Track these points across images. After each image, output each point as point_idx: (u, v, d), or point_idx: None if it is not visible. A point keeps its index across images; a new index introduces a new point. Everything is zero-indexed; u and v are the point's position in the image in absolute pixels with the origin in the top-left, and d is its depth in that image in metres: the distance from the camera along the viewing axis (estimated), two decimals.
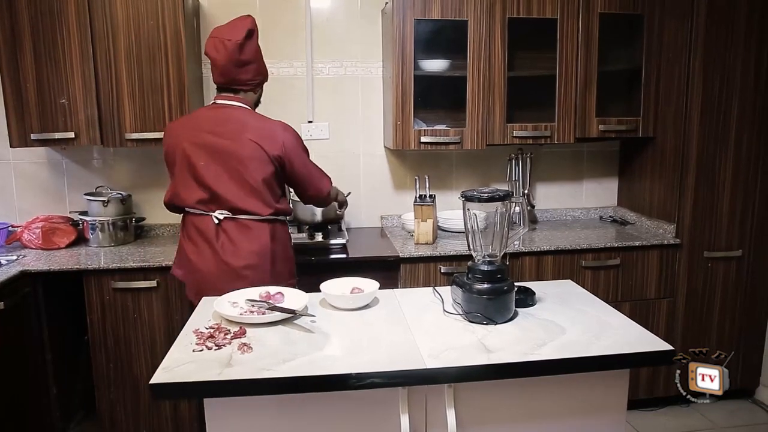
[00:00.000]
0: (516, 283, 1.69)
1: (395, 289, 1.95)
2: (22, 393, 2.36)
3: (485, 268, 1.63)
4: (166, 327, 2.52)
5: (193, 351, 1.45)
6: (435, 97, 2.94)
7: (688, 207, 2.77)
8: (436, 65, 2.84)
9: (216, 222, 2.07)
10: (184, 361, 1.39)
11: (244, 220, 2.08)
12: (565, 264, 2.73)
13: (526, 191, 3.12)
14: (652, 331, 1.56)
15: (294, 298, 1.73)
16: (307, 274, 2.30)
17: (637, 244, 2.77)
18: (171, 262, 2.45)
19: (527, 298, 1.74)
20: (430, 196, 2.75)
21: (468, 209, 1.69)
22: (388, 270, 2.58)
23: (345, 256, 2.62)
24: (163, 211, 2.23)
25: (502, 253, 1.68)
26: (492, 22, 2.75)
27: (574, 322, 1.62)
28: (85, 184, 2.95)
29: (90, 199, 2.79)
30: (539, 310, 1.72)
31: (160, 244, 2.82)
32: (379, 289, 1.80)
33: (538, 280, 2.58)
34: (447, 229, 2.96)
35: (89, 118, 2.59)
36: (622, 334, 1.54)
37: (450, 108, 2.94)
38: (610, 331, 1.56)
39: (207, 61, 2.90)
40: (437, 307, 1.73)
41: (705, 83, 2.68)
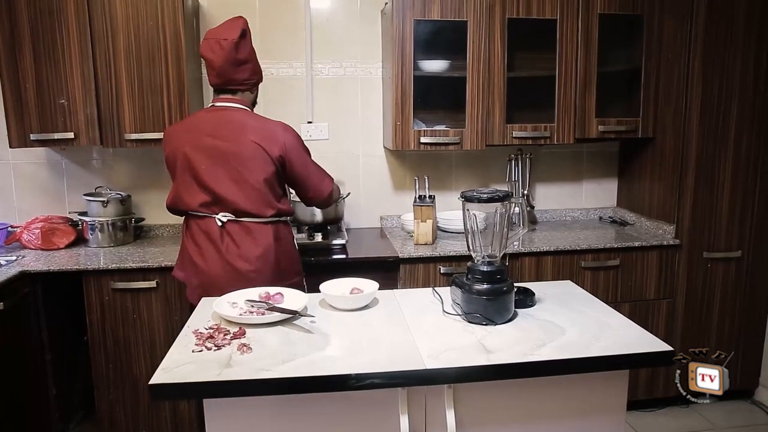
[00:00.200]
0: (515, 284, 1.69)
1: (395, 290, 1.95)
2: (21, 393, 2.36)
3: (485, 268, 1.63)
4: (166, 327, 2.52)
5: (193, 351, 1.45)
6: (434, 98, 2.93)
7: (687, 208, 2.77)
8: (435, 66, 2.84)
9: (219, 224, 2.07)
10: (184, 362, 1.39)
11: (248, 223, 2.08)
12: (565, 265, 2.73)
13: (526, 192, 3.12)
14: (651, 332, 1.56)
15: (293, 299, 1.72)
16: (307, 275, 2.29)
17: (636, 244, 2.77)
18: (171, 263, 2.45)
19: (527, 299, 1.74)
20: (430, 196, 2.75)
21: (467, 210, 1.69)
22: (388, 270, 2.58)
23: (344, 257, 2.62)
24: (162, 212, 2.23)
25: (501, 254, 1.68)
26: (492, 22, 2.75)
27: (573, 322, 1.62)
28: (84, 185, 2.95)
29: (89, 200, 2.79)
30: (539, 310, 1.72)
31: (160, 245, 2.82)
32: (379, 289, 1.80)
33: (537, 280, 2.58)
34: (446, 230, 2.96)
35: (89, 118, 2.60)
36: (622, 335, 1.54)
37: (449, 108, 2.94)
38: (609, 331, 1.56)
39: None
40: (437, 308, 1.73)
41: (704, 83, 2.68)
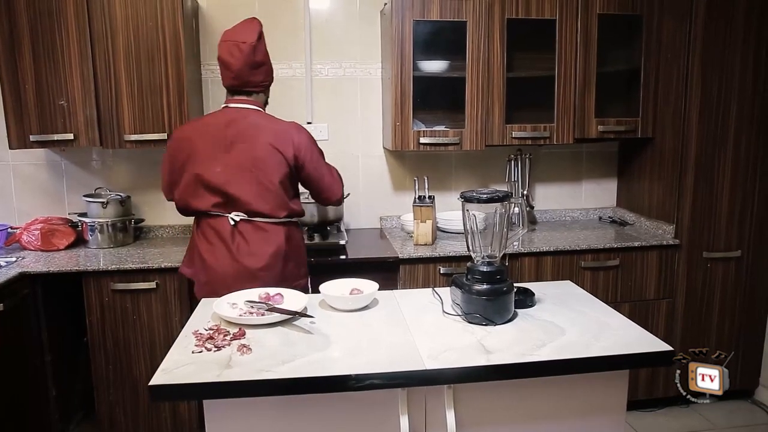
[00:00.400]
0: (515, 284, 1.69)
1: (394, 290, 1.95)
2: (21, 394, 2.36)
3: (484, 269, 1.63)
4: (166, 328, 2.52)
5: (193, 352, 1.45)
6: (434, 98, 2.93)
7: (687, 207, 2.77)
8: (435, 66, 2.84)
9: (232, 223, 2.08)
10: (184, 363, 1.39)
11: (260, 223, 2.09)
12: (565, 265, 2.73)
13: (525, 192, 3.12)
14: (651, 332, 1.56)
15: (293, 300, 1.72)
16: None
17: (636, 244, 2.77)
18: (171, 264, 2.45)
19: (526, 299, 1.74)
20: (430, 197, 2.75)
21: (467, 210, 1.69)
22: (388, 271, 2.58)
23: (344, 257, 2.62)
24: (162, 213, 2.23)
25: (501, 254, 1.68)
26: (491, 22, 2.75)
27: (573, 322, 1.62)
28: (84, 186, 2.95)
29: (89, 201, 2.79)
30: (538, 311, 1.72)
31: (160, 246, 2.82)
32: (379, 290, 1.80)
33: (537, 280, 2.58)
34: (446, 230, 2.96)
35: (88, 119, 2.59)
36: (622, 335, 1.54)
37: (449, 109, 2.94)
38: (609, 331, 1.56)
39: (206, 62, 2.94)
40: (436, 308, 1.73)
41: (704, 83, 2.68)
